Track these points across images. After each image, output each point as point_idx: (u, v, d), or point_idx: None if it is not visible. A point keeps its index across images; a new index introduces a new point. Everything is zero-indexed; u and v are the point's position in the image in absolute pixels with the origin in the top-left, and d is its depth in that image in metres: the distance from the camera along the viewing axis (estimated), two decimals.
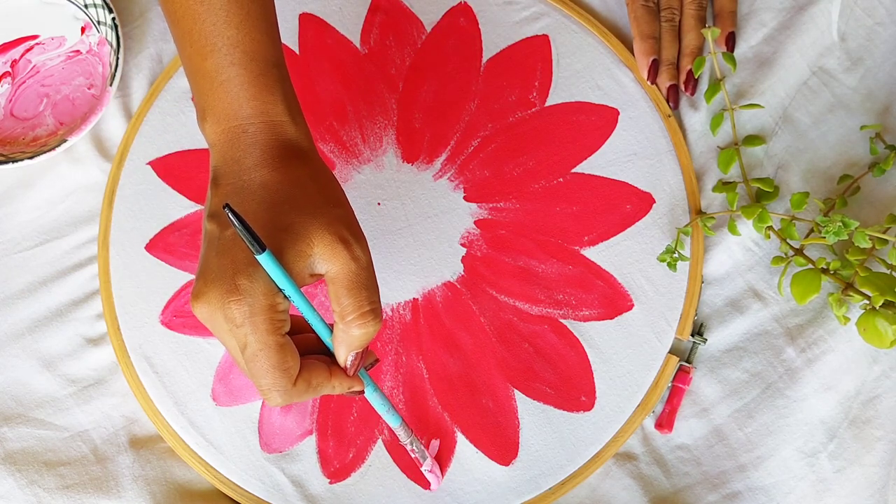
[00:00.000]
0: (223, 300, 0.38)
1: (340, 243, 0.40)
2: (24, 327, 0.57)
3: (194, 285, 0.40)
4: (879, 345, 0.48)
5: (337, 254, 0.39)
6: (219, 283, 0.38)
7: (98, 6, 0.61)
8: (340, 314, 0.40)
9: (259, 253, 0.37)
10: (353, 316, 0.40)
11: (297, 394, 0.41)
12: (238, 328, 0.38)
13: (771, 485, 0.52)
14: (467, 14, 0.61)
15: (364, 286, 0.40)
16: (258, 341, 0.38)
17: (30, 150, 0.59)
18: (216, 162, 0.43)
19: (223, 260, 0.39)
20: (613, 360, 0.54)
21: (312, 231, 0.39)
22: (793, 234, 0.52)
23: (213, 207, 0.41)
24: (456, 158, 0.58)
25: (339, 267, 0.39)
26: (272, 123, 0.43)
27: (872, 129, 0.56)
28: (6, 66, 0.62)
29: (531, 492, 0.52)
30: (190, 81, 0.45)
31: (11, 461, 0.54)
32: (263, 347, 0.39)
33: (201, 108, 0.44)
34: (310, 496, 0.52)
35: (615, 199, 0.57)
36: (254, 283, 0.38)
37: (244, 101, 0.42)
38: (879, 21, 0.59)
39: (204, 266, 0.40)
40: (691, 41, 0.59)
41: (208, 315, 0.39)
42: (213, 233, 0.40)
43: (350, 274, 0.40)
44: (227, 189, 0.41)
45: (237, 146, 0.42)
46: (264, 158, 0.42)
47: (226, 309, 0.38)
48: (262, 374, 0.39)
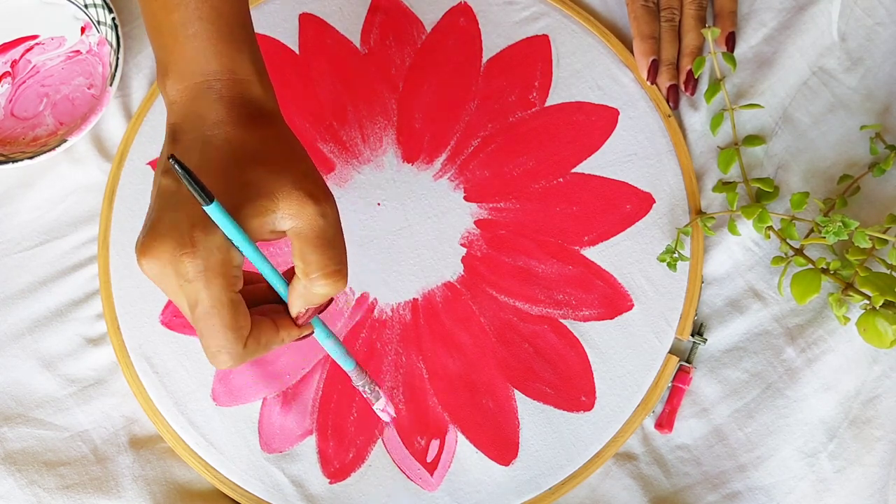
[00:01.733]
0: (175, 253, 0.37)
1: (308, 198, 0.38)
2: (24, 327, 0.57)
3: (141, 239, 0.38)
4: (879, 345, 0.48)
5: (304, 209, 0.38)
6: (171, 237, 0.37)
7: (98, 6, 0.61)
8: (304, 270, 0.39)
9: (206, 203, 0.35)
10: (318, 274, 0.38)
11: (247, 354, 0.39)
12: (189, 283, 0.37)
13: (771, 485, 0.52)
14: (467, 14, 0.61)
15: (331, 244, 0.39)
16: (210, 298, 0.37)
17: (30, 150, 0.59)
18: (176, 118, 0.41)
19: (177, 214, 0.37)
20: (613, 360, 0.54)
21: (278, 187, 0.38)
22: (793, 234, 0.52)
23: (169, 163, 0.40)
24: (456, 158, 0.58)
25: (305, 223, 0.38)
26: (239, 81, 0.41)
27: (872, 129, 0.56)
28: (6, 66, 0.62)
29: (531, 492, 0.52)
30: (152, 38, 0.43)
31: (11, 461, 0.54)
32: (216, 304, 0.37)
33: (163, 65, 0.42)
34: (310, 496, 0.52)
35: (615, 199, 0.57)
36: (209, 237, 0.37)
37: (211, 57, 0.41)
38: (879, 21, 0.59)
39: (155, 220, 0.38)
40: (691, 41, 0.59)
41: (158, 269, 0.37)
42: (167, 187, 0.39)
43: (317, 230, 0.38)
44: (186, 144, 0.40)
45: (201, 102, 0.41)
46: (229, 115, 0.40)
47: (177, 263, 0.37)
48: (212, 335, 0.38)
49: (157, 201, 0.39)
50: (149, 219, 0.39)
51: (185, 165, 0.35)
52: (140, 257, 0.38)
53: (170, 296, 0.39)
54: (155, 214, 0.39)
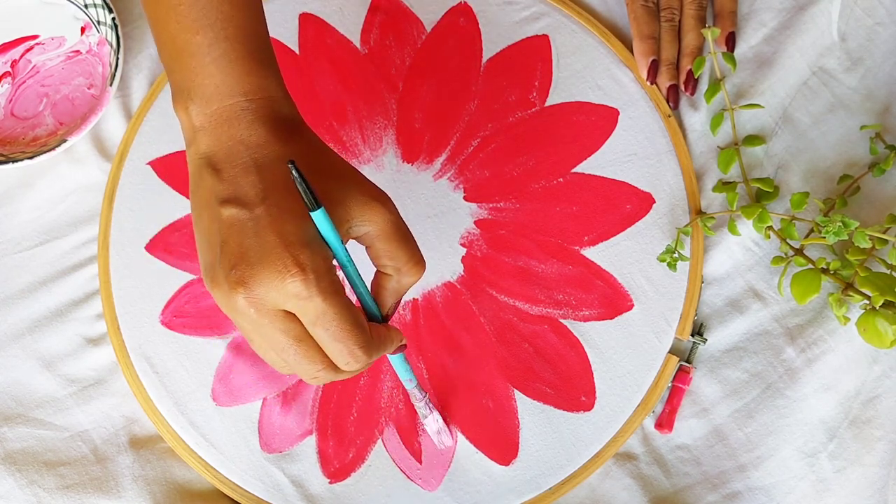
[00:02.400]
0: (280, 278, 0.36)
1: (376, 201, 0.40)
2: (24, 327, 0.57)
3: (229, 273, 0.37)
4: (879, 345, 0.48)
5: (376, 212, 0.40)
6: (272, 261, 0.37)
7: (98, 6, 0.61)
8: (395, 267, 0.41)
9: (314, 209, 0.36)
10: (408, 266, 0.41)
11: (375, 349, 0.40)
12: (307, 301, 0.37)
13: (771, 485, 0.52)
14: (467, 14, 0.61)
15: (408, 236, 0.41)
16: (334, 305, 0.37)
17: (30, 150, 0.59)
18: (209, 146, 0.40)
19: (266, 238, 0.37)
20: (613, 360, 0.53)
21: (346, 195, 0.39)
22: (793, 234, 0.52)
23: (227, 192, 0.39)
24: (456, 158, 0.58)
25: (382, 224, 0.40)
26: (271, 99, 0.41)
27: (872, 129, 0.56)
28: (6, 66, 0.62)
29: (531, 492, 0.52)
30: (171, 62, 0.42)
31: (11, 461, 0.54)
32: (340, 310, 0.37)
33: (185, 90, 0.41)
34: (310, 496, 0.52)
35: (615, 199, 0.57)
36: (314, 253, 0.37)
37: (242, 76, 0.40)
38: (879, 21, 0.59)
39: (237, 250, 0.37)
40: (691, 41, 0.59)
41: (258, 299, 0.37)
42: (237, 216, 0.38)
43: (394, 227, 0.40)
44: (236, 171, 0.39)
45: (237, 125, 0.40)
46: (271, 134, 0.40)
47: (286, 286, 0.36)
48: (343, 338, 0.38)
49: (225, 232, 0.38)
50: (222, 251, 0.38)
51: (300, 171, 0.36)
52: (236, 289, 0.37)
53: (262, 330, 0.38)
54: (232, 245, 0.38)
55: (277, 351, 0.39)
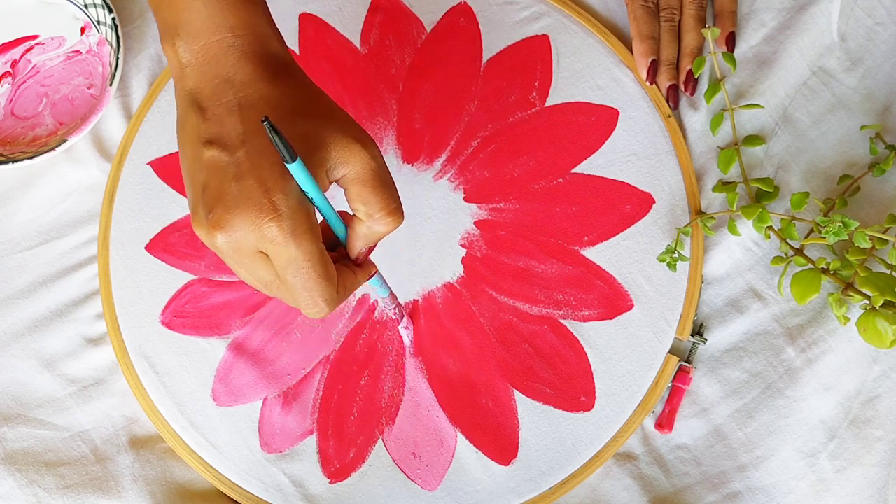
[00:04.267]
0: (257, 221, 0.37)
1: (357, 143, 0.39)
2: (24, 327, 0.57)
3: (208, 215, 0.38)
4: (879, 345, 0.48)
5: (355, 154, 0.39)
6: (248, 206, 0.37)
7: (98, 6, 0.61)
8: (367, 213, 0.40)
9: (291, 161, 0.36)
10: (381, 213, 0.40)
11: (340, 299, 0.41)
12: (281, 246, 0.37)
13: (771, 485, 0.52)
14: (467, 14, 0.61)
15: (387, 183, 0.40)
16: (304, 253, 0.38)
17: (30, 150, 0.59)
18: (195, 83, 0.40)
19: (244, 182, 0.37)
20: (613, 360, 0.54)
21: (327, 136, 0.39)
22: (793, 234, 0.52)
23: (210, 132, 0.39)
24: (456, 159, 0.58)
25: (360, 167, 0.39)
26: (259, 35, 0.41)
27: (872, 129, 0.56)
28: (6, 67, 0.62)
29: (531, 492, 0.52)
30: (157, 0, 0.42)
31: (11, 461, 0.54)
32: (310, 258, 0.38)
33: (172, 27, 0.41)
34: (310, 496, 0.52)
35: (615, 199, 0.57)
36: (290, 198, 0.37)
37: (228, 12, 0.40)
38: (879, 21, 0.59)
39: (216, 193, 0.38)
40: (691, 41, 0.59)
41: (235, 242, 0.38)
42: (218, 158, 0.38)
43: (372, 172, 0.39)
44: (220, 110, 0.39)
45: (223, 63, 0.40)
46: (257, 72, 0.40)
47: (263, 230, 0.37)
48: (311, 287, 0.39)
49: (207, 173, 0.38)
50: (203, 192, 0.38)
51: (275, 126, 0.35)
52: (214, 232, 0.38)
53: (243, 267, 0.39)
54: (212, 187, 0.38)
55: (262, 285, 0.40)
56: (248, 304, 0.56)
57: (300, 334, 0.55)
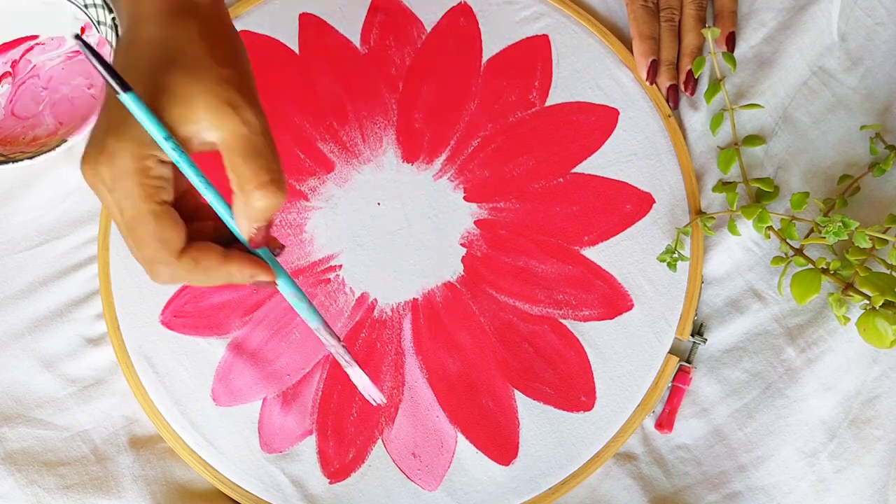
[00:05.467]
0: (94, 161, 0.35)
1: (227, 106, 0.36)
2: (24, 327, 0.57)
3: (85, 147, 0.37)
4: (879, 345, 0.48)
5: (225, 118, 0.36)
6: (92, 143, 0.35)
7: (98, 6, 0.61)
8: (238, 184, 0.37)
9: (120, 93, 0.33)
10: (251, 185, 0.36)
11: (184, 271, 0.37)
12: (111, 192, 0.35)
13: (771, 485, 0.52)
14: (467, 14, 0.61)
15: (259, 153, 0.36)
16: (131, 207, 0.35)
17: (30, 151, 0.59)
18: (127, 7, 0.39)
19: (101, 118, 0.36)
20: (613, 360, 0.54)
21: (195, 94, 0.36)
22: (793, 234, 0.52)
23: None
24: (456, 158, 0.58)
25: (228, 133, 0.36)
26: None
27: (872, 129, 0.56)
28: (6, 67, 0.62)
29: (531, 492, 0.52)
30: None
31: (11, 461, 0.54)
32: (137, 214, 0.36)
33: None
34: (310, 496, 0.52)
35: (615, 199, 0.57)
36: (121, 142, 0.35)
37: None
38: (879, 21, 0.59)
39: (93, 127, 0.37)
40: (691, 41, 0.59)
41: (87, 179, 0.36)
42: (107, 93, 0.37)
43: (242, 140, 0.36)
44: (121, 44, 0.38)
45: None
46: (155, 11, 0.38)
47: (98, 170, 0.35)
48: (142, 244, 0.36)
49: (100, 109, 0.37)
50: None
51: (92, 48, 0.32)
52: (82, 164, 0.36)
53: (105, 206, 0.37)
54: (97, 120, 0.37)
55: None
56: (247, 303, 0.56)
57: (299, 334, 0.55)
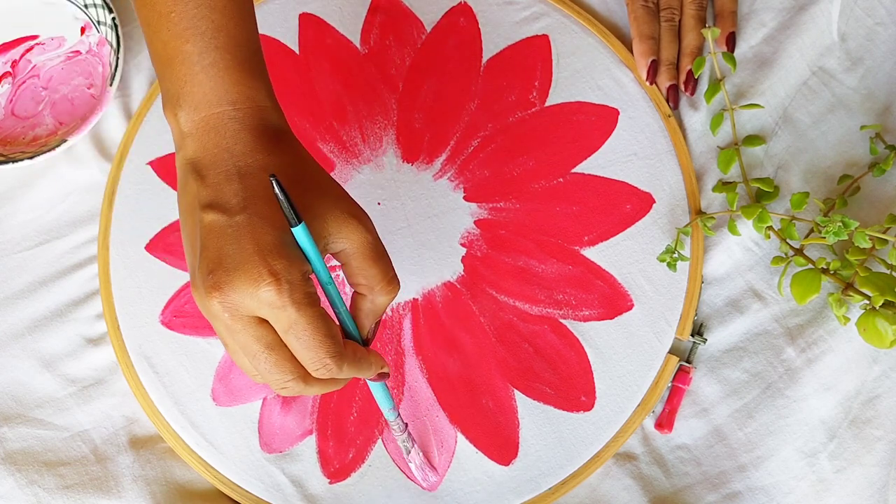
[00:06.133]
0: (255, 286, 0.37)
1: (354, 218, 0.40)
2: (24, 327, 0.57)
3: (206, 278, 0.38)
4: (879, 345, 0.48)
5: (353, 229, 0.40)
6: (246, 270, 0.37)
7: (98, 6, 0.61)
8: (368, 286, 0.41)
9: (296, 225, 0.37)
10: (381, 284, 0.41)
11: (348, 362, 0.40)
12: (279, 310, 0.37)
13: (771, 485, 0.52)
14: (467, 14, 0.61)
15: (383, 255, 0.41)
16: (305, 316, 0.38)
17: (30, 151, 0.59)
18: (195, 152, 0.41)
19: (244, 245, 0.38)
20: (613, 360, 0.54)
21: (325, 209, 0.39)
22: (793, 234, 0.52)
23: (210, 197, 0.39)
24: (456, 158, 0.58)
25: (358, 242, 0.40)
26: (259, 108, 0.42)
27: (872, 129, 0.56)
28: (6, 67, 0.62)
29: (531, 492, 0.52)
30: (161, 68, 0.43)
31: (11, 461, 0.54)
32: (311, 321, 0.38)
33: (174, 96, 0.42)
34: (310, 496, 0.52)
35: (615, 199, 0.57)
36: (291, 262, 0.38)
37: (230, 86, 0.41)
38: (879, 21, 0.59)
39: (215, 256, 0.38)
40: (691, 41, 0.59)
41: (232, 304, 0.38)
42: (217, 222, 0.39)
43: (370, 246, 0.40)
44: (219, 178, 0.40)
45: (223, 133, 0.40)
46: (257, 143, 0.40)
47: (260, 294, 0.37)
48: (315, 346, 0.38)
49: (206, 237, 0.39)
50: (202, 256, 0.39)
51: (282, 185, 0.36)
52: (212, 293, 0.38)
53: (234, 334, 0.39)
54: (211, 250, 0.38)
55: (250, 357, 0.40)
56: None
57: None
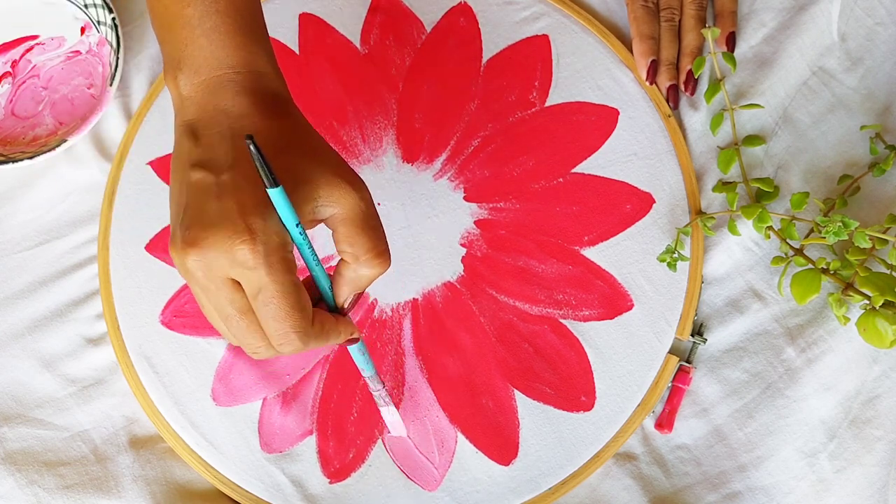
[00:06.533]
0: (230, 243, 0.36)
1: (347, 184, 0.39)
2: (24, 327, 0.57)
3: (184, 233, 0.37)
4: (879, 345, 0.48)
5: (345, 195, 0.39)
6: (224, 226, 0.37)
7: (98, 6, 0.61)
8: (353, 254, 0.40)
9: (273, 187, 0.36)
10: (368, 255, 0.40)
11: (314, 336, 0.40)
12: (251, 271, 0.37)
13: (771, 485, 0.52)
14: (467, 14, 0.61)
15: (375, 226, 0.40)
16: (276, 282, 0.37)
17: (30, 151, 0.59)
18: (193, 114, 0.41)
19: (225, 203, 0.37)
20: (613, 360, 0.53)
21: (318, 174, 0.39)
22: (793, 234, 0.52)
23: (200, 156, 0.39)
24: (456, 158, 0.58)
25: (349, 208, 0.39)
26: (258, 74, 0.41)
27: (872, 129, 0.56)
28: (6, 67, 0.62)
29: (531, 492, 0.52)
30: (162, 33, 0.43)
31: (11, 461, 0.54)
32: (281, 288, 0.37)
33: (175, 60, 0.42)
34: (310, 496, 0.52)
35: (615, 199, 0.57)
36: (267, 223, 0.37)
37: (231, 50, 0.41)
38: (879, 21, 0.59)
39: (196, 212, 0.38)
40: (691, 41, 0.59)
41: (206, 262, 0.37)
42: (203, 180, 0.38)
43: (361, 214, 0.39)
44: (213, 138, 0.39)
45: (221, 95, 0.40)
46: (254, 107, 0.40)
47: (235, 252, 0.36)
48: (281, 318, 0.38)
49: (190, 195, 0.39)
50: (184, 212, 0.38)
51: (258, 147, 0.35)
52: (187, 250, 0.37)
53: (208, 294, 0.39)
54: (193, 207, 0.38)
55: (223, 318, 0.39)
56: None
57: None
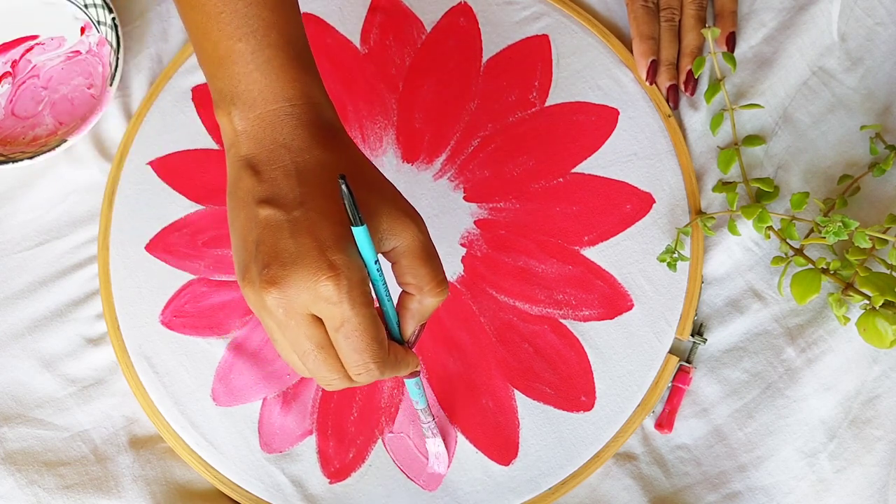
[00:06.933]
0: (314, 279, 0.37)
1: (408, 217, 0.40)
2: (24, 327, 0.57)
3: (262, 272, 0.38)
4: (879, 345, 0.48)
5: (407, 227, 0.40)
6: (305, 264, 0.37)
7: (98, 6, 0.61)
8: (417, 286, 0.40)
9: (358, 225, 0.37)
10: (431, 285, 0.40)
11: (390, 367, 0.40)
12: (334, 305, 0.37)
13: (771, 485, 0.52)
14: (467, 14, 0.61)
15: (434, 256, 0.41)
16: (358, 315, 0.38)
17: (30, 151, 0.59)
18: (250, 149, 0.41)
19: (301, 240, 0.37)
20: (613, 360, 0.53)
21: (381, 207, 0.39)
22: (793, 234, 0.52)
23: (266, 193, 0.39)
24: (456, 158, 0.58)
25: (410, 240, 0.40)
26: (313, 104, 0.42)
27: (872, 129, 0.56)
28: (6, 67, 0.62)
29: (531, 492, 0.52)
30: (212, 68, 0.42)
31: (11, 461, 0.54)
32: (363, 321, 0.38)
33: (227, 95, 0.42)
34: (310, 496, 0.52)
35: (615, 199, 0.57)
36: (350, 258, 0.37)
37: (285, 83, 0.41)
38: (879, 21, 0.59)
39: (270, 250, 0.38)
40: (691, 41, 0.59)
41: (288, 300, 0.37)
42: (273, 217, 0.38)
43: (421, 245, 0.40)
44: (277, 173, 0.40)
45: (280, 129, 0.40)
46: (314, 139, 0.40)
47: (318, 288, 0.37)
48: (361, 349, 0.38)
49: (261, 232, 0.39)
50: (256, 250, 0.38)
51: (349, 187, 0.35)
52: (268, 288, 0.37)
53: (287, 331, 0.39)
54: (266, 245, 0.38)
55: (299, 354, 0.40)
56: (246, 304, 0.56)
57: None
